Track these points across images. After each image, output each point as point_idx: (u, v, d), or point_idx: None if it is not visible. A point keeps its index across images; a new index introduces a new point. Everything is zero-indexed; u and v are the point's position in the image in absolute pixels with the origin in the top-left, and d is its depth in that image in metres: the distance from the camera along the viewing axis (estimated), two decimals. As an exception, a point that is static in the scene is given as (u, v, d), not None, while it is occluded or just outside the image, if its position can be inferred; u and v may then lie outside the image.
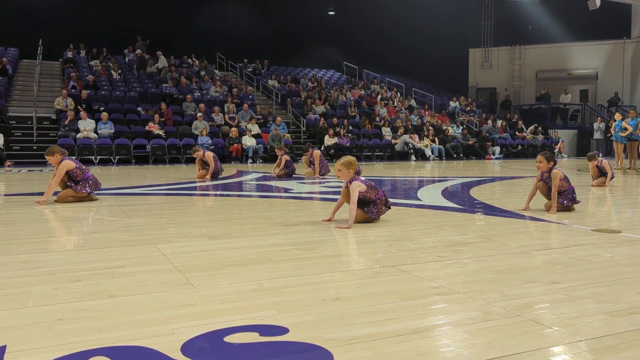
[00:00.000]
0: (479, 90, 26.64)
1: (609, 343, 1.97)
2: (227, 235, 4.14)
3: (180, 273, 2.96)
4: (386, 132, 19.38)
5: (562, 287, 2.70)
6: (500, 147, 20.40)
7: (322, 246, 3.73)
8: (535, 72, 25.66)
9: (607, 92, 23.84)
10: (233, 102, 18.69)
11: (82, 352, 1.87)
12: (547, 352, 1.90)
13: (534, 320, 2.21)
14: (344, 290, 2.66)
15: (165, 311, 2.33)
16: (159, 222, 4.82)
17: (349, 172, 4.55)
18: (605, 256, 3.44)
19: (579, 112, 23.97)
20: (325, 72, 26.03)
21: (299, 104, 20.23)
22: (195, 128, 16.48)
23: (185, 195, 7.20)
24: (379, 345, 1.94)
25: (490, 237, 4.05)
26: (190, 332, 2.06)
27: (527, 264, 3.22)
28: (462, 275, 2.95)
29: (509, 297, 2.54)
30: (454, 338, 2.03)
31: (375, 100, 22.25)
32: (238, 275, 2.92)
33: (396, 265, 3.20)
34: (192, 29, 23.40)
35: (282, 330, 2.10)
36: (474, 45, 26.62)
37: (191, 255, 3.43)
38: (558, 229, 4.47)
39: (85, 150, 14.70)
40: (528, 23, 25.50)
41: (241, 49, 23.84)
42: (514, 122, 22.96)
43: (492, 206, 5.97)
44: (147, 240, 3.92)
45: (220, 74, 22.00)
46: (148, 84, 19.22)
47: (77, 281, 2.80)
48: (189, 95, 18.24)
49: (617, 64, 24.02)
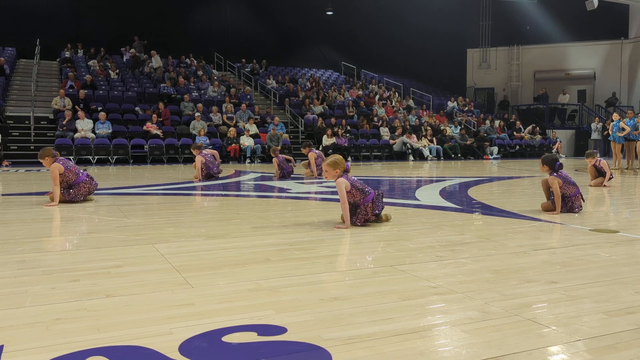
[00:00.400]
0: (477, 91, 26.67)
1: (607, 342, 1.97)
2: (225, 235, 4.14)
3: (178, 273, 2.95)
4: (384, 132, 19.39)
5: (560, 287, 2.70)
6: (498, 147, 20.42)
7: (320, 246, 3.73)
8: (533, 72, 25.69)
9: (605, 92, 23.88)
10: (231, 102, 18.67)
11: (79, 351, 1.87)
12: (545, 351, 1.90)
13: (532, 320, 2.21)
14: (342, 290, 2.66)
15: (163, 311, 2.33)
16: (156, 222, 4.81)
17: (335, 172, 4.50)
18: (603, 256, 3.45)
19: (576, 113, 24.01)
20: (323, 72, 26.03)
21: (297, 104, 20.22)
22: (193, 128, 16.47)
23: (183, 195, 7.20)
24: (377, 345, 1.94)
25: (488, 237, 4.05)
26: (188, 332, 2.05)
27: (525, 263, 3.22)
28: (460, 275, 2.95)
29: (507, 296, 2.54)
30: (452, 337, 2.03)
31: (373, 100, 22.26)
32: (236, 275, 2.92)
33: (394, 265, 3.20)
34: (190, 29, 23.37)
35: (280, 329, 2.10)
36: (472, 45, 26.64)
37: (189, 255, 3.43)
38: (556, 229, 4.47)
39: (83, 150, 14.68)
40: (526, 23, 25.53)
41: (239, 49, 23.82)
42: (511, 122, 22.99)
43: (490, 206, 5.98)
44: (144, 240, 3.92)
45: (218, 74, 21.99)
46: (146, 84, 19.20)
47: (75, 281, 2.79)
48: (186, 95, 18.21)
49: (615, 65, 24.07)
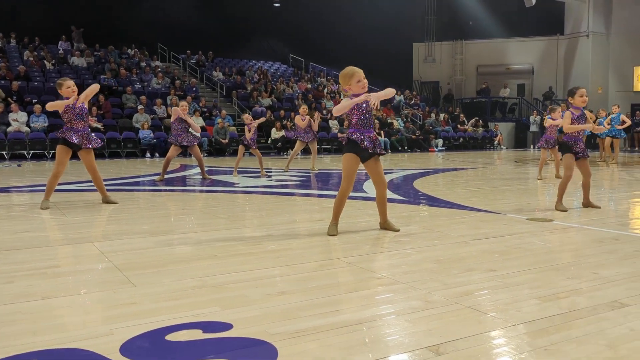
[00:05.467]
0: (422, 84, 27.20)
1: (541, 326, 2.07)
2: (170, 232, 4.05)
3: (120, 271, 2.87)
4: (333, 125, 19.50)
5: (499, 275, 2.81)
6: (443, 140, 20.95)
7: (267, 241, 3.72)
8: (476, 66, 26.45)
9: (542, 86, 24.90)
10: (176, 94, 18.25)
11: (14, 356, 1.79)
12: (485, 337, 1.98)
13: (472, 308, 2.29)
14: (289, 284, 2.67)
15: (104, 311, 2.26)
16: (97, 220, 4.65)
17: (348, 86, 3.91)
18: (539, 244, 3.61)
19: (516, 106, 24.94)
20: (271, 64, 25.83)
21: (245, 96, 20.01)
22: (136, 121, 16.00)
23: (126, 191, 6.99)
24: (323, 338, 1.96)
25: (432, 228, 4.16)
26: (130, 332, 2.00)
27: (466, 253, 3.33)
28: (405, 265, 3.02)
29: (449, 285, 2.62)
30: (396, 327, 2.08)
31: (322, 93, 22.31)
32: (181, 272, 2.87)
33: (341, 257, 3.23)
34: (132, 19, 22.61)
35: (226, 326, 2.08)
36: (418, 39, 27.12)
37: (131, 252, 3.34)
38: (496, 219, 4.64)
39: (17, 145, 13.98)
40: (469, 19, 26.23)
41: (184, 40, 23.24)
42: (456, 115, 23.62)
43: (435, 197, 6.13)
44: (84, 238, 3.78)
45: (162, 66, 21.43)
46: (85, 75, 18.47)
47: (10, 282, 2.66)
48: (129, 87, 17.66)
49: (552, 60, 25.11)
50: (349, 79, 3.86)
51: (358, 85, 3.84)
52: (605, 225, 4.28)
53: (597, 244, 3.59)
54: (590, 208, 5.17)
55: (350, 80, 3.85)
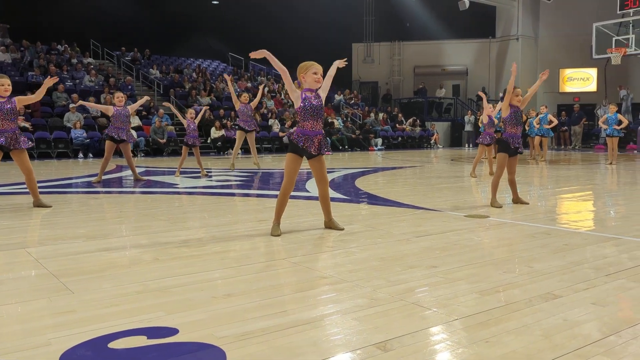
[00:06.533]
0: (361, 84, 27.60)
1: (480, 320, 2.16)
2: (108, 235, 3.91)
3: (55, 278, 2.74)
4: (274, 124, 19.43)
5: (440, 271, 2.90)
6: (382, 139, 21.36)
7: (211, 242, 3.66)
8: (413, 67, 27.12)
9: (476, 87, 25.86)
10: (110, 92, 17.58)
11: (-61, 374, 1.67)
12: (427, 332, 2.04)
13: (415, 304, 2.35)
14: (235, 286, 2.64)
15: (40, 320, 2.15)
16: (28, 224, 4.42)
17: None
18: (476, 240, 3.76)
19: (452, 106, 25.81)
20: (210, 62, 25.41)
21: (183, 95, 19.57)
22: (67, 120, 15.30)
23: (59, 194, 6.67)
24: (271, 339, 1.96)
25: (374, 226, 4.23)
26: (69, 341, 1.92)
27: (408, 250, 3.41)
28: (350, 264, 3.06)
29: (392, 282, 2.68)
30: (343, 326, 2.11)
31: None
32: (121, 277, 2.77)
33: (287, 257, 3.23)
34: (63, 13, 21.59)
35: (171, 331, 2.03)
36: (357, 39, 27.49)
37: (67, 258, 3.19)
38: (435, 216, 4.79)
39: (-64, 145, 13.03)
40: (406, 20, 26.86)
41: (118, 37, 22.44)
42: (394, 115, 24.14)
43: (376, 196, 6.24)
44: (14, 244, 3.58)
45: (95, 63, 20.60)
46: (11, 72, 17.46)
47: None
48: (60, 85, 16.86)
49: (484, 61, 26.15)
50: (306, 69, 3.93)
51: (313, 77, 3.90)
52: (536, 221, 4.51)
53: (530, 239, 3.78)
54: (519, 204, 5.43)
55: (307, 71, 3.92)
